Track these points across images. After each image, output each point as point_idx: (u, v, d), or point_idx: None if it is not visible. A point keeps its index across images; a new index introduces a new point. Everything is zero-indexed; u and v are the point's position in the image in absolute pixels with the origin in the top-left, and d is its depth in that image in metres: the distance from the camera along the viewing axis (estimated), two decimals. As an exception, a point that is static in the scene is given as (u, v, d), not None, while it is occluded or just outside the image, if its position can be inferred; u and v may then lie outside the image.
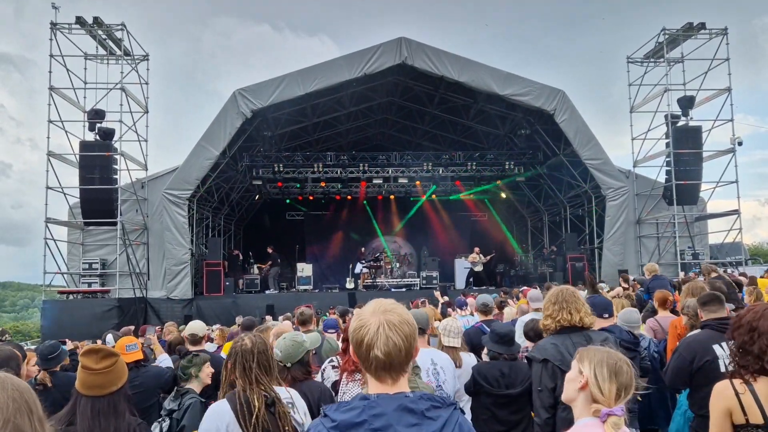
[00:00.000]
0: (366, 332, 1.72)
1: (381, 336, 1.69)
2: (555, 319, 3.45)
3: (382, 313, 1.74)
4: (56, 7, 16.49)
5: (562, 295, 3.51)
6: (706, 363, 3.78)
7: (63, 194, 17.15)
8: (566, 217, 21.24)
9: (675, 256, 18.06)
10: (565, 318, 3.42)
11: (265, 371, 2.82)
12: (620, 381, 2.19)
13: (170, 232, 16.72)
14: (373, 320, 1.73)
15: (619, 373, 2.20)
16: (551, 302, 3.53)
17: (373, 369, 1.73)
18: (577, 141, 17.07)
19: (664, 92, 18.08)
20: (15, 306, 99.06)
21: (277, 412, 2.71)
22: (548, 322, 3.49)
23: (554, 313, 3.46)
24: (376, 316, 1.74)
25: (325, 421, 1.72)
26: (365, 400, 1.71)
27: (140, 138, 17.82)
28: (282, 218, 24.82)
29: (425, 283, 19.54)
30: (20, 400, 1.68)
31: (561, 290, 3.59)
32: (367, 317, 1.75)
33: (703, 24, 17.76)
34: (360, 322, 1.77)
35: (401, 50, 16.57)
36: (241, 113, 16.38)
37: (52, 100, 16.51)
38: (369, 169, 20.24)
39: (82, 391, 2.72)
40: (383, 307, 1.77)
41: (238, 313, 14.63)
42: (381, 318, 1.73)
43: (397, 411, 1.66)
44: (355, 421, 1.67)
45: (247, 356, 2.81)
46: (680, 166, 17.49)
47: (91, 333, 12.72)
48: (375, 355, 1.70)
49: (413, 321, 1.80)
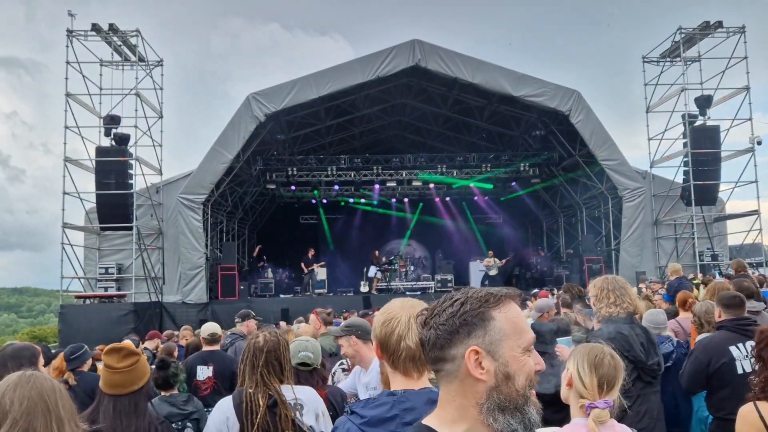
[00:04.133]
0: (397, 324, 1.77)
1: (413, 327, 1.72)
2: (619, 305, 3.39)
3: (410, 308, 1.80)
4: (72, 14, 16.65)
5: (617, 282, 3.50)
6: (722, 365, 3.74)
7: (79, 199, 17.28)
8: (582, 219, 21.04)
9: (693, 258, 17.81)
10: (628, 303, 3.39)
11: (273, 370, 2.80)
12: (600, 373, 2.21)
13: (185, 237, 16.77)
14: (402, 314, 1.79)
15: (599, 366, 2.22)
16: (610, 289, 3.48)
17: (401, 361, 1.76)
18: (593, 142, 16.90)
19: (681, 92, 17.86)
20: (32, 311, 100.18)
21: (278, 414, 2.68)
22: (612, 309, 3.41)
23: (616, 300, 3.41)
24: (405, 311, 1.80)
25: (354, 418, 1.74)
26: (393, 395, 1.73)
27: (155, 143, 17.91)
28: (296, 222, 24.84)
29: (440, 286, 19.46)
30: (37, 399, 1.65)
31: (613, 278, 3.57)
32: (396, 311, 1.81)
33: (720, 22, 17.53)
34: (389, 315, 1.82)
35: (414, 52, 16.53)
36: (254, 117, 16.41)
37: (68, 107, 16.65)
38: (383, 171, 20.20)
39: (104, 389, 2.78)
40: (410, 303, 1.84)
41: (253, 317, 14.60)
42: (409, 311, 1.78)
43: (427, 405, 1.67)
44: (387, 416, 1.70)
45: (257, 354, 2.80)
46: (698, 166, 17.25)
47: (108, 337, 12.72)
48: (407, 346, 1.74)
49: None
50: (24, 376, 1.71)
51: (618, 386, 2.22)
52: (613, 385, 2.21)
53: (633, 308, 3.42)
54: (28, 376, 1.71)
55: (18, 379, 1.70)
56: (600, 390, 2.18)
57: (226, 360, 5.52)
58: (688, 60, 18.23)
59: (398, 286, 19.84)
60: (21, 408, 1.64)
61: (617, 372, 2.22)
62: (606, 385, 2.19)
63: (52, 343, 18.11)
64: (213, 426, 2.72)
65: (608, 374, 2.21)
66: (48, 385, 1.71)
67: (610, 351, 2.28)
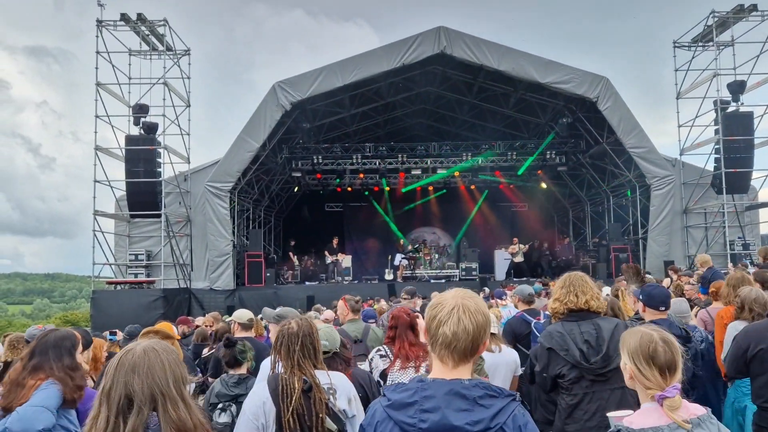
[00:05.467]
0: (441, 309, 1.84)
1: (453, 316, 1.80)
2: (562, 302, 3.48)
3: (461, 298, 1.85)
4: (102, 4, 16.88)
5: (570, 279, 3.55)
6: (760, 351, 3.74)
7: (110, 187, 17.62)
8: (609, 207, 20.77)
9: (724, 247, 17.50)
10: (571, 300, 3.44)
11: (308, 354, 2.84)
12: (658, 363, 2.17)
13: (212, 224, 17.01)
14: (450, 301, 1.84)
15: (655, 356, 2.18)
16: (559, 286, 3.59)
17: (437, 346, 1.83)
18: (621, 129, 16.65)
19: (713, 77, 17.47)
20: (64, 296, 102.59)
21: (313, 397, 2.72)
22: (556, 305, 3.52)
23: (561, 296, 3.50)
24: (454, 299, 1.85)
25: (383, 400, 1.86)
26: (420, 382, 1.82)
27: (182, 131, 18.14)
28: (321, 210, 24.98)
29: (464, 274, 19.43)
30: (153, 384, 1.81)
31: (570, 274, 3.63)
32: (447, 298, 1.87)
33: (755, 5, 17.04)
34: (438, 299, 1.89)
35: (440, 39, 16.42)
36: (280, 105, 16.51)
37: (98, 96, 16.95)
38: (407, 159, 20.19)
39: None
40: (464, 293, 1.89)
41: (279, 304, 14.73)
42: (459, 301, 1.84)
43: (447, 395, 1.75)
44: (408, 401, 1.77)
45: (293, 339, 2.84)
46: (730, 153, 16.89)
47: (139, 322, 12.97)
48: (443, 332, 1.80)
49: (488, 315, 1.89)
50: (138, 356, 1.84)
51: (680, 366, 2.19)
52: (675, 369, 2.17)
53: (575, 305, 3.42)
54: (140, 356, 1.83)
55: (134, 361, 1.83)
56: (663, 378, 2.16)
57: (259, 346, 5.60)
58: (721, 44, 17.79)
59: (423, 274, 19.87)
60: (144, 395, 1.78)
61: (675, 355, 2.18)
62: (668, 371, 2.17)
63: (84, 327, 18.55)
64: (249, 411, 2.76)
65: (667, 361, 2.17)
66: (159, 365, 1.84)
67: (660, 335, 2.22)
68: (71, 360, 3.06)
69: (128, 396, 1.78)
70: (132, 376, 1.79)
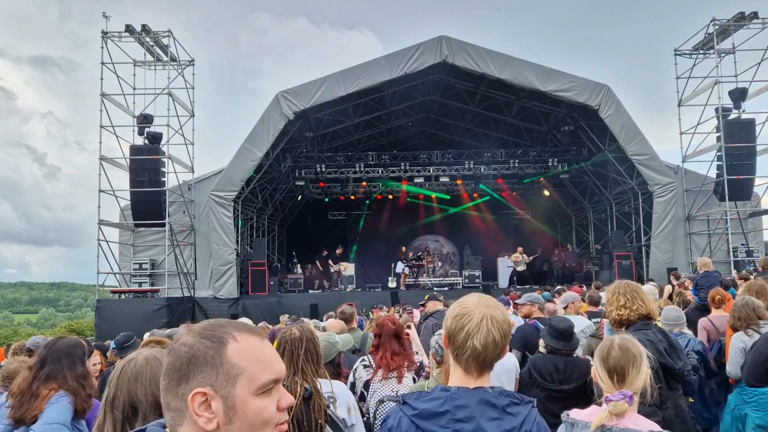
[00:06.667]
0: (468, 321, 1.76)
1: (483, 328, 1.74)
2: (631, 308, 3.33)
3: (487, 307, 1.78)
4: (107, 16, 17.06)
5: (630, 287, 3.43)
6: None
7: (114, 197, 17.72)
8: (612, 215, 20.78)
9: (727, 254, 17.47)
10: (641, 306, 3.33)
11: (312, 360, 2.85)
12: (607, 366, 2.23)
13: (216, 233, 17.09)
14: (477, 311, 1.77)
15: (607, 358, 2.24)
16: (620, 293, 3.43)
17: (464, 358, 1.76)
18: (623, 136, 16.69)
19: (715, 84, 17.50)
20: (69, 305, 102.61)
21: (313, 404, 2.71)
22: (623, 312, 3.36)
23: (628, 303, 3.35)
24: (480, 309, 1.78)
25: (406, 408, 1.76)
26: (446, 391, 1.74)
27: (186, 141, 18.28)
28: (324, 218, 25.06)
29: (468, 282, 19.44)
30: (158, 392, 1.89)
31: (626, 282, 3.51)
32: (471, 308, 1.79)
33: (755, 13, 17.10)
34: (463, 310, 1.80)
35: (442, 48, 16.53)
36: (283, 115, 16.62)
37: (103, 106, 17.10)
38: (410, 168, 20.25)
39: None
40: (487, 302, 1.81)
41: (282, 312, 14.84)
42: (485, 311, 1.77)
43: (479, 404, 1.70)
44: (439, 410, 1.71)
45: (296, 344, 2.85)
46: (732, 160, 16.88)
47: (143, 331, 13.06)
48: (473, 345, 1.73)
49: (511, 322, 1.84)
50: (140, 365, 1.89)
51: (634, 377, 2.18)
52: (623, 374, 2.18)
53: (645, 310, 3.34)
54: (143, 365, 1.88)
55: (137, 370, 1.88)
56: (612, 381, 2.19)
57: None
58: (722, 52, 17.84)
59: (426, 281, 19.88)
60: (147, 402, 1.82)
61: (626, 362, 2.20)
62: (616, 376, 2.20)
63: (89, 336, 18.62)
64: None
65: (616, 365, 2.21)
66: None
67: (620, 342, 2.26)
68: (83, 368, 3.02)
69: (132, 404, 1.82)
70: (135, 384, 1.83)
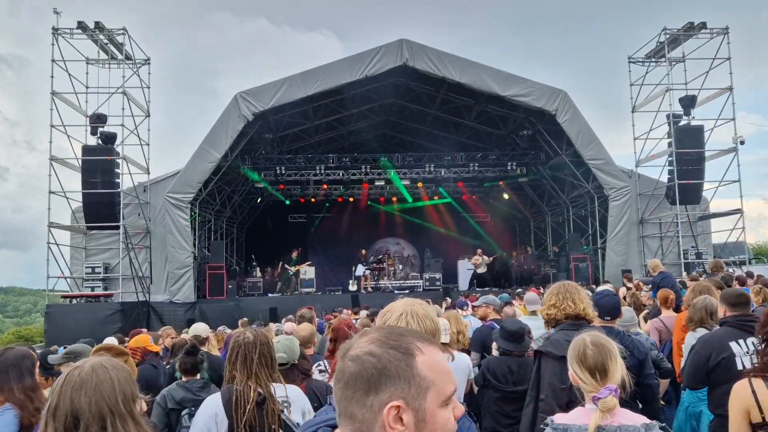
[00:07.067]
0: (390, 316, 1.90)
1: (402, 321, 1.85)
2: (560, 308, 3.41)
3: (410, 305, 1.92)
4: (58, 12, 16.52)
5: (565, 287, 3.51)
6: (722, 360, 3.71)
7: (65, 198, 17.15)
8: (569, 218, 21.20)
9: (678, 256, 18.02)
10: (569, 306, 3.39)
11: (265, 365, 2.82)
12: (588, 365, 2.26)
13: (173, 236, 16.72)
14: (399, 309, 1.91)
15: (584, 359, 2.28)
16: (554, 293, 3.52)
17: None
18: (579, 141, 17.05)
19: (666, 92, 18.05)
20: (17, 311, 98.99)
21: (266, 409, 2.69)
22: (552, 311, 3.45)
23: (558, 303, 3.44)
24: (403, 306, 1.92)
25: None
26: None
27: (142, 142, 17.84)
28: (284, 221, 24.82)
29: (428, 284, 19.52)
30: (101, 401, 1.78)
31: (563, 283, 3.60)
32: (396, 306, 1.94)
33: (704, 23, 17.74)
34: (388, 308, 1.96)
35: (402, 52, 16.57)
36: (242, 116, 16.39)
37: (54, 105, 16.54)
38: (371, 171, 20.24)
39: None
40: (413, 302, 1.96)
41: (241, 316, 14.61)
42: (408, 308, 1.90)
43: None
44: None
45: (250, 348, 2.82)
46: (682, 165, 17.42)
47: (94, 337, 12.67)
48: None
49: (437, 321, 1.95)
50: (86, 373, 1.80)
51: (614, 370, 2.23)
52: (605, 371, 2.22)
53: (573, 311, 3.39)
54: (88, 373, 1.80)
55: (81, 378, 1.79)
56: (595, 380, 2.22)
57: (214, 362, 5.53)
58: (673, 60, 18.44)
59: (387, 284, 19.89)
60: (91, 412, 1.75)
61: (605, 358, 2.24)
62: (599, 373, 2.22)
63: (38, 342, 17.97)
64: (201, 422, 2.72)
65: (597, 363, 2.24)
66: (108, 383, 1.81)
67: (592, 339, 2.30)
68: (32, 380, 2.90)
69: (74, 414, 1.73)
70: (79, 393, 1.75)
